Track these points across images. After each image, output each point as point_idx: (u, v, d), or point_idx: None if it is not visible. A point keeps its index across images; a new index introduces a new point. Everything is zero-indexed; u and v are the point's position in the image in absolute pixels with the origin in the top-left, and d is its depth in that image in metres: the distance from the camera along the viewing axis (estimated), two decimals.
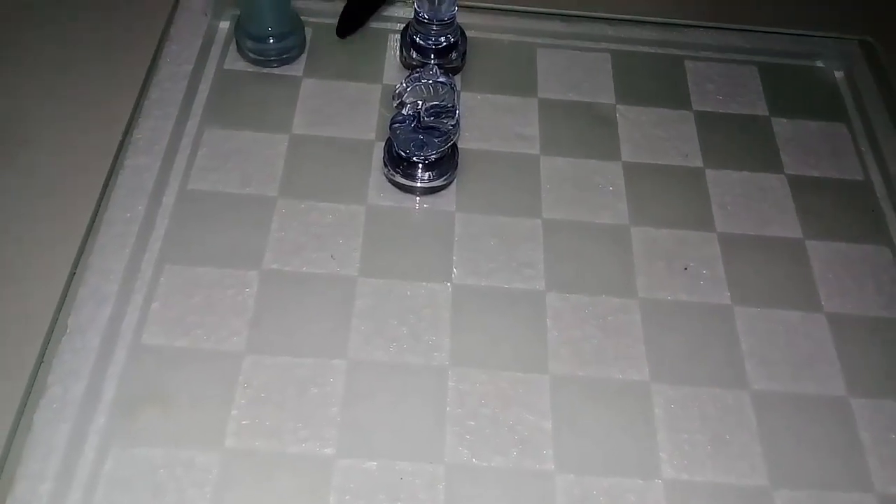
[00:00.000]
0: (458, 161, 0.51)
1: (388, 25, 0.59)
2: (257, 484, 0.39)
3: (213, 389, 0.41)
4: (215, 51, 0.56)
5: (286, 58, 0.56)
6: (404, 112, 0.47)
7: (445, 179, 0.50)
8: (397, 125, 0.48)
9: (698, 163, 0.54)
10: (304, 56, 0.57)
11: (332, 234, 0.48)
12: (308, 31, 0.57)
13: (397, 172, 0.49)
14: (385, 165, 0.50)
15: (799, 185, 0.53)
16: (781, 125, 0.57)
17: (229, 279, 0.45)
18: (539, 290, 0.46)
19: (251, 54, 0.55)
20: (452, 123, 0.47)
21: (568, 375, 0.43)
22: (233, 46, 0.56)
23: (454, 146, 0.50)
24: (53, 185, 0.47)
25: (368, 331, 0.44)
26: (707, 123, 0.56)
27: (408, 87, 0.47)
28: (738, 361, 0.45)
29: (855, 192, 0.53)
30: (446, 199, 0.50)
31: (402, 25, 0.58)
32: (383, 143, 0.51)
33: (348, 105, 0.54)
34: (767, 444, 0.42)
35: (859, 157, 0.55)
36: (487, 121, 0.54)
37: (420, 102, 0.46)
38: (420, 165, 0.49)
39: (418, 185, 0.50)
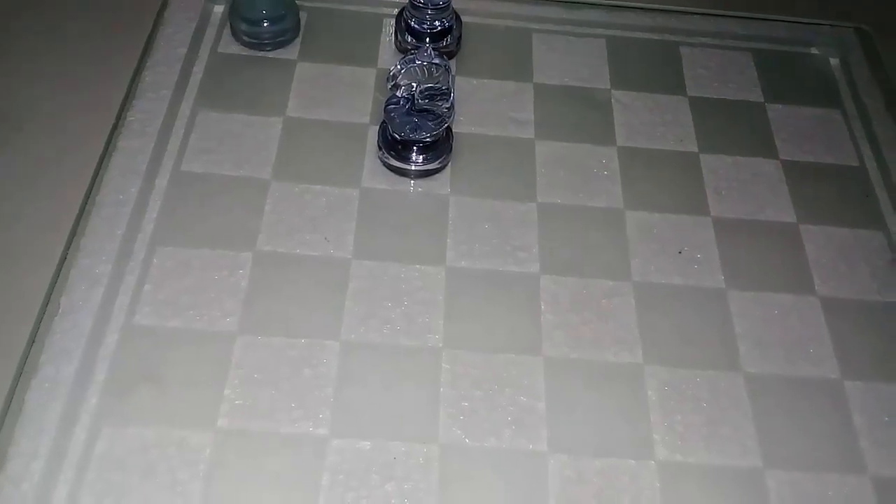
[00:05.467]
0: (453, 144, 0.51)
1: (383, 10, 0.59)
2: (250, 464, 0.38)
3: (206, 370, 0.41)
4: (210, 34, 0.56)
5: (280, 41, 0.55)
6: (399, 94, 0.47)
7: (440, 163, 0.50)
8: (392, 107, 0.48)
9: (693, 147, 0.54)
10: (298, 39, 0.56)
11: (326, 216, 0.48)
12: (303, 15, 0.57)
13: (391, 155, 0.49)
14: (379, 148, 0.50)
15: (793, 171, 0.53)
16: (776, 111, 0.57)
17: (222, 260, 0.45)
18: (533, 273, 0.46)
19: (245, 38, 0.55)
20: (447, 106, 0.47)
21: (562, 357, 0.43)
22: (227, 30, 0.56)
23: (449, 129, 0.50)
24: (47, 167, 0.47)
25: (362, 313, 0.44)
26: (702, 109, 0.56)
27: (402, 68, 0.46)
28: (732, 344, 0.45)
29: (849, 178, 0.53)
30: (441, 183, 0.50)
31: (397, 10, 0.58)
32: (378, 127, 0.51)
33: (343, 88, 0.54)
34: (760, 426, 0.42)
35: (854, 143, 0.55)
36: (483, 105, 0.54)
37: (414, 84, 0.46)
38: (414, 148, 0.49)
39: (412, 168, 0.49)
